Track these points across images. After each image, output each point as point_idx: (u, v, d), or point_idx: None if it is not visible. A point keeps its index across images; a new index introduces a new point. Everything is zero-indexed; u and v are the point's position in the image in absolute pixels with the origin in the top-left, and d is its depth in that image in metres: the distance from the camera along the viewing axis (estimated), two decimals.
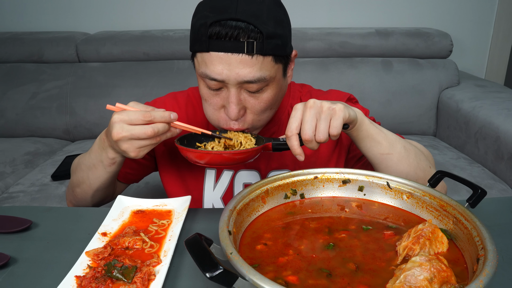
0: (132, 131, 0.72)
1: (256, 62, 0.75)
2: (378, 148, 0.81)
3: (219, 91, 0.80)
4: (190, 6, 2.31)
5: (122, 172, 1.01)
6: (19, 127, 2.08)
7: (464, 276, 0.54)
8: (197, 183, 0.96)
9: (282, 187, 0.73)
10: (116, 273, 0.59)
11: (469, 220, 0.60)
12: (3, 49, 2.13)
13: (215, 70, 0.75)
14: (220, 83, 0.78)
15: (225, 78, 0.76)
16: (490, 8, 2.36)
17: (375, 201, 0.74)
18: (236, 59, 0.74)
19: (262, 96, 0.80)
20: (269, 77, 0.78)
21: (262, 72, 0.76)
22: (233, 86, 0.77)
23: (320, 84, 2.04)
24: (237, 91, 0.78)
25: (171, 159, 0.98)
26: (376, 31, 2.13)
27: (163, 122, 0.73)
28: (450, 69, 2.10)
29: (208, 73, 0.76)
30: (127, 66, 2.12)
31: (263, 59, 0.75)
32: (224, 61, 0.74)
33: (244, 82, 0.76)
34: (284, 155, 0.95)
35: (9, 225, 0.74)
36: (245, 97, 0.80)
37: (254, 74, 0.75)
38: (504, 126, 1.60)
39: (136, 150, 0.75)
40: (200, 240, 0.50)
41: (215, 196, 0.96)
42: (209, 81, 0.78)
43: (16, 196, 1.55)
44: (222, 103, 0.81)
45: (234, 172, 0.96)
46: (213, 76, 0.76)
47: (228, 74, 0.75)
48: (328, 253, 0.59)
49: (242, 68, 0.74)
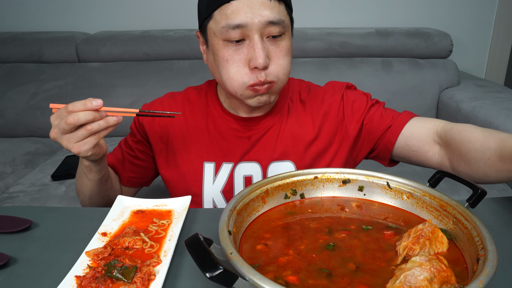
0: (58, 125, 0.74)
1: (274, 5, 0.81)
2: None
3: (241, 44, 0.82)
4: (190, 6, 2.31)
5: (126, 177, 1.03)
6: (19, 127, 2.08)
7: (464, 276, 0.54)
8: (196, 177, 0.96)
9: (282, 187, 0.73)
10: (116, 273, 0.59)
11: (469, 220, 0.60)
12: (3, 49, 2.13)
13: (239, 15, 0.79)
14: (243, 32, 0.81)
15: (249, 22, 0.79)
16: (490, 8, 2.36)
17: (375, 201, 0.74)
18: (257, 2, 0.79)
19: (282, 43, 0.84)
20: (286, 23, 0.84)
21: (281, 15, 0.82)
22: (256, 31, 0.81)
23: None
24: (260, 37, 0.82)
25: (169, 155, 0.98)
26: (376, 31, 2.13)
27: (84, 110, 0.73)
28: (450, 69, 2.10)
29: (230, 21, 0.80)
30: (127, 66, 2.12)
31: (279, 4, 0.82)
32: (246, 5, 0.79)
33: (267, 23, 0.80)
34: (286, 146, 0.95)
35: (9, 225, 0.74)
36: (268, 46, 0.83)
37: (275, 15, 0.81)
38: (504, 126, 1.60)
39: (76, 145, 0.75)
40: (200, 240, 0.50)
41: (214, 190, 0.96)
42: (231, 31, 0.80)
43: (16, 196, 1.55)
44: (246, 57, 0.83)
45: (234, 164, 0.96)
46: (237, 23, 0.79)
47: (252, 17, 0.79)
48: (328, 253, 0.59)
49: (264, 9, 0.80)
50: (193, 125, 0.98)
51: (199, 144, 0.97)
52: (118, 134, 2.07)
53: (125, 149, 1.02)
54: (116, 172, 1.03)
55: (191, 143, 0.97)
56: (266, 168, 0.95)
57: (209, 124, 0.97)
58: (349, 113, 0.97)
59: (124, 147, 1.02)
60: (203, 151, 0.96)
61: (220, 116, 0.97)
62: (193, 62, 2.12)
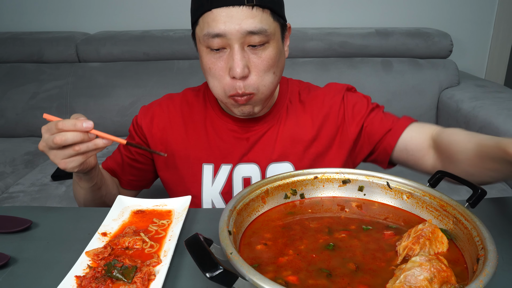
0: (47, 140, 0.74)
1: (256, 14, 0.79)
2: None
3: (221, 52, 0.81)
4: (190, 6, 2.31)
5: (126, 180, 1.03)
6: (19, 127, 2.08)
7: (464, 276, 0.54)
8: (195, 179, 0.96)
9: (282, 187, 0.73)
10: (116, 273, 0.59)
11: (469, 220, 0.60)
12: (3, 49, 2.13)
13: (218, 25, 0.78)
14: (223, 41, 0.79)
15: (227, 32, 0.78)
16: (490, 8, 2.36)
17: (375, 201, 0.74)
18: (237, 11, 0.77)
19: (265, 53, 0.82)
20: (269, 31, 0.81)
21: (263, 24, 0.79)
22: (236, 41, 0.79)
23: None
24: (240, 47, 0.80)
25: (168, 157, 0.98)
26: (376, 31, 2.13)
27: (73, 131, 0.73)
28: (450, 69, 2.09)
29: (211, 30, 0.79)
30: (127, 66, 2.12)
31: (262, 12, 0.79)
32: (227, 14, 0.78)
33: (247, 33, 0.78)
34: (285, 147, 0.95)
35: (9, 225, 0.74)
36: (249, 55, 0.81)
37: (256, 25, 0.78)
38: (504, 126, 1.60)
39: (62, 161, 0.75)
40: (200, 240, 0.50)
41: (213, 191, 0.96)
42: (211, 40, 0.79)
43: (16, 196, 1.55)
44: (226, 66, 0.82)
45: (233, 166, 0.96)
46: (216, 31, 0.78)
47: (230, 27, 0.78)
48: (328, 253, 0.59)
49: (244, 19, 0.78)
50: (192, 127, 0.98)
51: (197, 145, 0.97)
52: (115, 134, 2.07)
53: (124, 152, 1.02)
54: (116, 175, 1.03)
55: (189, 144, 0.97)
56: (264, 170, 0.95)
57: (208, 126, 0.97)
58: (349, 116, 0.97)
59: (123, 151, 1.02)
60: (202, 153, 0.96)
61: (218, 118, 0.97)
62: (193, 62, 2.12)
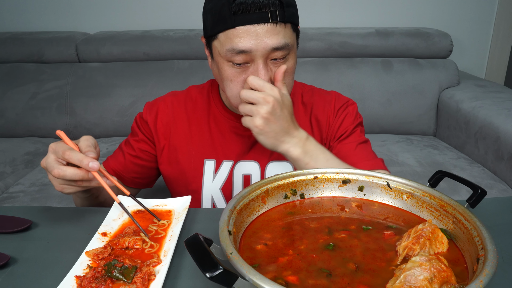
0: (48, 164, 0.73)
1: (280, 30, 0.79)
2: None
3: (244, 67, 0.82)
4: (190, 6, 2.31)
5: (129, 178, 1.03)
6: (19, 127, 2.08)
7: (464, 276, 0.54)
8: (196, 174, 0.97)
9: (282, 187, 0.73)
10: (116, 273, 0.59)
11: (469, 220, 0.60)
12: (3, 49, 2.13)
13: (243, 42, 0.78)
14: (247, 57, 0.80)
15: (253, 49, 0.78)
16: (490, 8, 2.36)
17: (375, 201, 0.74)
18: (262, 29, 0.78)
19: (286, 64, 0.83)
20: (291, 44, 0.83)
21: (286, 39, 0.80)
22: (260, 57, 0.80)
23: (320, 84, 2.01)
24: (264, 62, 0.81)
25: (171, 151, 0.99)
26: (376, 31, 2.13)
27: (77, 164, 0.71)
28: (450, 69, 2.10)
29: (235, 46, 0.79)
30: (127, 66, 2.12)
31: (285, 27, 0.80)
32: (252, 32, 0.78)
33: (271, 50, 0.79)
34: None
35: (9, 225, 0.74)
36: (271, 67, 0.83)
37: (280, 41, 0.79)
38: (504, 126, 1.60)
39: (59, 186, 0.75)
40: (200, 240, 0.50)
41: (214, 187, 0.97)
42: (236, 56, 0.80)
43: (16, 196, 1.55)
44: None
45: (234, 162, 0.97)
46: (241, 49, 0.78)
47: (256, 44, 0.78)
48: (328, 253, 0.59)
49: (269, 36, 0.78)
50: (195, 123, 0.99)
51: (200, 141, 0.98)
52: (115, 134, 2.08)
53: (126, 150, 1.02)
54: (119, 174, 1.02)
55: (192, 140, 0.98)
56: (264, 168, 0.96)
57: (211, 122, 0.99)
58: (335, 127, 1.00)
59: (125, 148, 1.03)
60: (204, 148, 0.98)
61: (221, 114, 0.99)
62: (193, 62, 2.12)
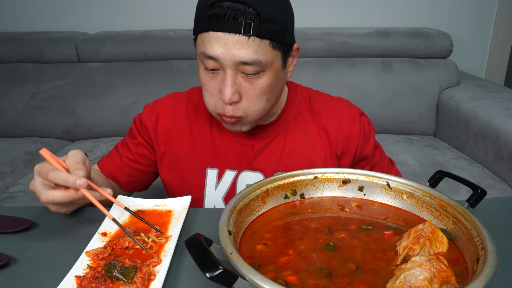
0: (35, 189, 0.72)
1: (252, 44, 0.75)
2: None
3: (216, 73, 0.80)
4: (190, 6, 2.31)
5: (125, 181, 1.00)
6: (19, 127, 2.08)
7: (464, 276, 0.54)
8: (198, 182, 0.95)
9: (282, 187, 0.73)
10: (116, 273, 0.59)
11: (469, 220, 0.60)
12: (3, 49, 2.13)
13: (212, 48, 0.76)
14: (216, 63, 0.78)
15: (220, 57, 0.76)
16: (490, 8, 2.36)
17: (375, 201, 0.74)
18: (233, 39, 0.75)
19: (258, 82, 0.80)
20: (266, 61, 0.78)
21: (258, 55, 0.76)
22: (229, 67, 0.77)
23: (320, 84, 2.04)
24: (233, 73, 0.78)
25: (172, 158, 0.97)
26: (376, 31, 2.13)
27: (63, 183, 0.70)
28: (450, 69, 2.10)
29: (205, 51, 0.77)
30: (127, 66, 2.12)
31: (260, 42, 0.76)
32: (221, 40, 0.75)
33: (239, 63, 0.76)
34: (291, 159, 0.94)
35: (9, 225, 0.74)
36: (241, 81, 0.79)
37: (250, 56, 0.76)
38: (504, 126, 1.60)
39: (53, 208, 0.74)
40: (200, 240, 0.50)
41: (216, 196, 0.95)
42: (206, 60, 0.78)
43: (16, 196, 1.55)
44: (219, 87, 0.81)
45: (237, 172, 0.95)
46: (209, 54, 0.77)
47: (224, 53, 0.76)
48: (328, 253, 0.59)
49: (238, 48, 0.75)
50: (197, 130, 0.96)
51: (203, 149, 0.95)
52: (115, 134, 2.07)
53: (123, 152, 0.99)
54: (115, 177, 1.00)
55: (194, 147, 0.95)
56: None
57: (213, 129, 0.96)
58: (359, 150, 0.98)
59: (122, 151, 1.00)
60: (206, 157, 0.95)
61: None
62: (193, 62, 2.12)
